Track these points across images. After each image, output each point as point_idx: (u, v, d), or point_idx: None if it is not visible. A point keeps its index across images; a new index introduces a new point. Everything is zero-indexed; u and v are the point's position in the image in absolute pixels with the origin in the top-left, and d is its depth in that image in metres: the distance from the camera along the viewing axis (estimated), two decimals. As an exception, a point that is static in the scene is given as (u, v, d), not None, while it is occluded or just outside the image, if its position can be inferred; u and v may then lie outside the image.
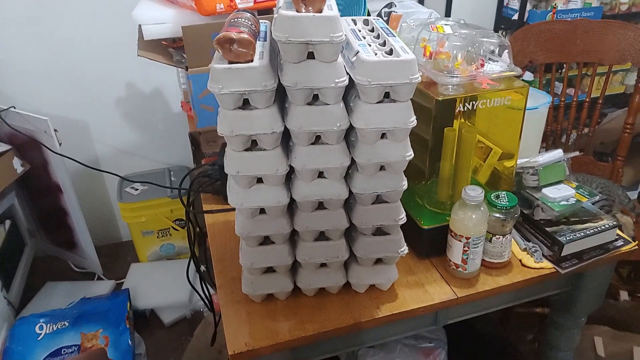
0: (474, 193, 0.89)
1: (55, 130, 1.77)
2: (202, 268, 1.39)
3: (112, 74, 2.06)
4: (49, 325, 1.67)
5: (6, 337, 1.65)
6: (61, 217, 2.04)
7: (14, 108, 1.81)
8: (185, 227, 2.09)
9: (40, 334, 1.65)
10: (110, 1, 1.91)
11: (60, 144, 1.80)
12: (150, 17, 1.25)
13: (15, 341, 1.62)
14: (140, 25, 1.27)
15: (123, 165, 2.17)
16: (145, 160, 2.27)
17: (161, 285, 2.02)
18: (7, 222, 1.96)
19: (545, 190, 1.06)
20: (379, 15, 1.36)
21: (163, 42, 1.31)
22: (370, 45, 0.75)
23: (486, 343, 1.53)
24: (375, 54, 0.72)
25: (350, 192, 0.82)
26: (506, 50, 0.96)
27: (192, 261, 1.23)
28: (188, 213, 1.18)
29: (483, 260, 0.98)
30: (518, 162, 1.07)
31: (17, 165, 1.83)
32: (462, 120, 0.98)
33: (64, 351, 1.62)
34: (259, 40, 0.77)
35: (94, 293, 1.97)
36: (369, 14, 1.28)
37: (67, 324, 1.68)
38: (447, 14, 2.41)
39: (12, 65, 1.93)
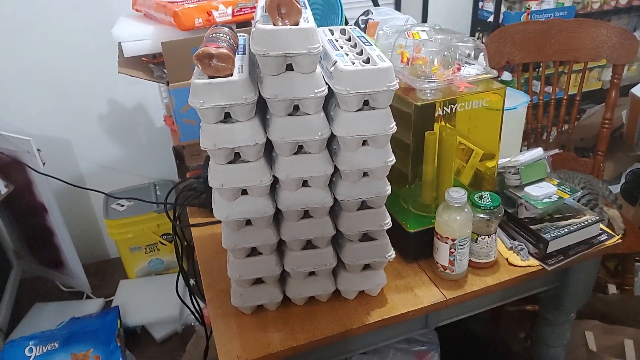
0: (457, 195, 0.90)
1: (38, 150, 1.76)
2: (192, 282, 1.39)
3: (94, 90, 2.05)
4: (38, 347, 1.65)
5: (-5, 361, 1.63)
6: (47, 237, 2.02)
7: (-5, 129, 1.79)
8: (173, 242, 2.09)
9: (30, 356, 1.63)
10: (90, 18, 1.91)
11: (44, 163, 1.79)
12: (129, 34, 1.25)
13: (5, 365, 1.60)
14: (120, 43, 1.27)
15: (108, 182, 2.16)
16: (130, 175, 2.26)
17: (151, 301, 2.01)
18: (-8, 245, 1.94)
19: (527, 189, 1.08)
20: (356, 23, 1.38)
21: (143, 59, 1.31)
22: (347, 55, 0.76)
23: (479, 343, 1.53)
24: (353, 63, 0.72)
25: (335, 200, 0.83)
26: (482, 53, 0.98)
27: (180, 275, 1.23)
28: (175, 227, 1.18)
29: (470, 260, 0.99)
30: (499, 162, 1.08)
31: (1, 187, 1.81)
32: (443, 123, 0.99)
33: (55, 373, 1.61)
34: (238, 54, 0.77)
35: (83, 312, 1.95)
36: (346, 22, 1.30)
37: (57, 345, 1.66)
38: (424, 19, 2.44)
39: (-9, 86, 1.92)
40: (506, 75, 2.12)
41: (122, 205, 2.07)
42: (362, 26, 1.32)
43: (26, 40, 1.89)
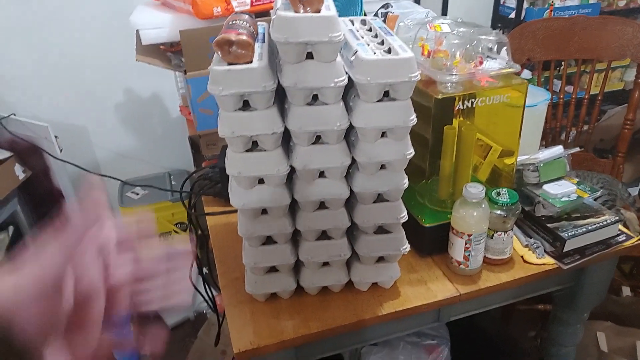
0: (475, 190, 0.90)
1: (55, 137, 1.78)
2: (205, 270, 1.40)
3: (111, 79, 2.07)
4: (52, 330, 1.67)
5: (10, 342, 1.66)
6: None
7: (15, 115, 1.82)
8: (187, 230, 2.10)
9: (44, 340, 1.65)
10: (108, 7, 1.92)
11: (61, 150, 1.81)
12: (147, 22, 1.26)
13: (19, 347, 1.63)
14: (138, 30, 1.27)
15: (123, 170, 2.17)
16: (145, 164, 2.28)
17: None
18: (10, 229, 1.97)
19: (546, 187, 1.06)
20: (376, 15, 1.37)
21: (161, 47, 1.32)
22: (368, 45, 0.75)
23: (488, 340, 1.53)
24: (374, 53, 0.72)
25: (352, 191, 0.82)
26: (504, 48, 0.97)
27: (194, 263, 1.24)
28: (190, 216, 1.19)
29: (485, 257, 0.98)
30: (518, 159, 1.07)
31: (19, 172, 1.84)
32: (461, 118, 0.98)
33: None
34: (257, 42, 0.77)
35: (97, 297, 1.98)
36: (365, 15, 1.29)
37: (70, 328, 1.68)
38: (444, 13, 2.41)
39: (11, 72, 1.94)
40: (526, 73, 2.10)
41: (137, 194, 2.09)
42: (382, 19, 1.32)
43: (45, 29, 1.90)
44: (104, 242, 0.40)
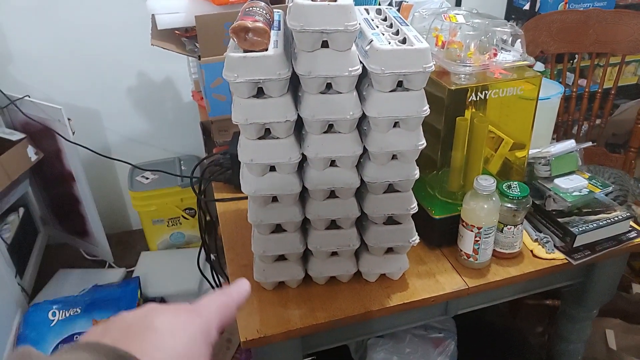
0: (486, 183, 0.89)
1: (68, 119, 1.79)
2: (213, 257, 1.41)
3: (124, 63, 2.07)
4: (61, 311, 1.69)
5: (20, 323, 1.68)
6: (73, 205, 2.06)
7: (29, 97, 1.83)
8: (197, 216, 2.11)
9: (53, 320, 1.67)
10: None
11: (73, 133, 1.82)
12: (163, 6, 1.26)
13: (28, 327, 1.65)
14: (153, 15, 1.27)
15: (134, 154, 2.18)
16: (156, 149, 2.29)
17: (171, 273, 2.04)
18: (21, 210, 1.99)
19: (557, 181, 1.06)
20: (390, 4, 1.36)
21: (176, 32, 1.31)
22: (383, 34, 0.75)
23: (495, 334, 1.53)
24: (389, 43, 0.71)
25: (362, 181, 0.82)
26: (519, 40, 0.96)
27: (202, 249, 1.25)
28: (200, 201, 1.20)
29: (494, 250, 0.98)
30: (530, 153, 1.06)
31: (31, 154, 1.85)
32: (474, 110, 0.97)
33: (76, 337, 1.65)
34: (273, 29, 0.77)
35: (105, 281, 2.00)
36: (380, 4, 1.28)
37: (79, 311, 1.70)
38: (458, 3, 2.39)
39: (26, 54, 1.95)
40: (539, 66, 2.07)
41: (147, 178, 2.10)
42: (396, 8, 1.30)
43: (60, 11, 1.91)
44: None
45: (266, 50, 0.70)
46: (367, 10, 0.88)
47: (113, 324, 0.36)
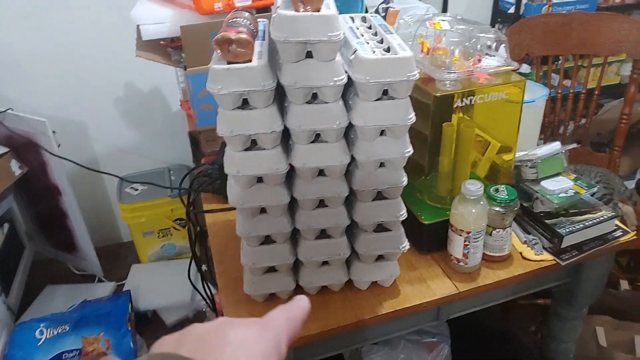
0: (473, 187, 0.90)
1: (53, 132, 1.77)
2: (204, 267, 1.40)
3: (110, 73, 2.05)
4: (49, 329, 1.66)
5: (6, 342, 1.65)
6: (60, 220, 2.04)
7: (12, 110, 1.81)
8: (186, 227, 2.10)
9: (41, 339, 1.64)
10: (108, 0, 1.91)
11: (58, 146, 1.80)
12: (148, 17, 1.25)
13: (15, 347, 1.62)
14: (138, 25, 1.26)
15: (122, 165, 2.17)
16: (145, 159, 2.26)
17: (163, 285, 2.02)
18: (6, 226, 1.96)
19: (544, 183, 1.06)
20: (377, 11, 1.36)
21: (161, 42, 1.31)
22: (368, 43, 0.75)
23: (489, 336, 1.53)
24: (373, 52, 0.72)
25: (351, 190, 0.82)
26: (503, 45, 0.97)
27: (193, 261, 1.24)
28: (189, 213, 1.19)
29: (484, 254, 0.98)
30: (516, 155, 1.07)
31: (15, 168, 1.83)
32: (461, 115, 0.98)
33: (65, 356, 1.62)
34: (257, 40, 0.77)
35: (95, 295, 1.97)
36: (366, 10, 1.28)
37: (67, 328, 1.67)
38: (444, 8, 2.41)
39: (9, 66, 1.93)
40: (525, 68, 2.10)
41: (136, 189, 2.08)
42: (382, 14, 1.31)
43: (43, 22, 1.89)
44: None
45: (250, 61, 0.70)
46: (352, 18, 0.88)
47: (186, 337, 0.36)
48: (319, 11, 0.67)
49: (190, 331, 0.37)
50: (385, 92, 0.73)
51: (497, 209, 0.95)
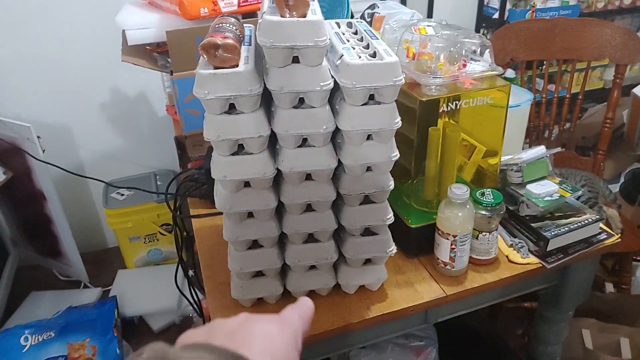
0: (459, 191, 0.90)
1: (38, 137, 1.75)
2: (191, 273, 1.39)
3: (96, 78, 2.04)
4: (34, 336, 1.64)
5: (-9, 349, 1.63)
6: (45, 225, 2.02)
7: (-5, 115, 1.79)
8: (173, 232, 2.09)
9: (26, 345, 1.62)
10: (94, 5, 1.90)
11: (43, 151, 1.78)
12: (134, 22, 1.24)
13: None
14: (124, 31, 1.26)
15: (108, 170, 2.15)
16: (131, 164, 2.25)
17: (149, 291, 2.01)
18: (-10, 232, 1.94)
19: (529, 187, 1.08)
20: (362, 16, 1.37)
21: (147, 47, 1.30)
22: (354, 49, 0.76)
23: (476, 339, 1.54)
24: (359, 57, 0.72)
25: (338, 194, 0.82)
26: (487, 50, 0.98)
27: (180, 266, 1.23)
28: (175, 218, 1.18)
29: (470, 257, 0.99)
30: (502, 159, 1.08)
31: (0, 173, 1.81)
32: (446, 119, 0.99)
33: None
34: (244, 45, 0.77)
35: (81, 302, 1.95)
36: (352, 16, 1.29)
37: (53, 335, 1.65)
38: (430, 13, 2.43)
39: (-8, 72, 1.91)
40: (509, 73, 2.12)
41: (122, 195, 2.07)
42: (368, 20, 1.32)
43: (28, 26, 1.87)
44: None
45: (237, 66, 0.70)
46: (338, 24, 0.88)
47: (215, 330, 0.38)
48: (304, 17, 0.67)
49: (218, 325, 0.39)
50: (371, 97, 0.73)
51: (483, 212, 0.95)
